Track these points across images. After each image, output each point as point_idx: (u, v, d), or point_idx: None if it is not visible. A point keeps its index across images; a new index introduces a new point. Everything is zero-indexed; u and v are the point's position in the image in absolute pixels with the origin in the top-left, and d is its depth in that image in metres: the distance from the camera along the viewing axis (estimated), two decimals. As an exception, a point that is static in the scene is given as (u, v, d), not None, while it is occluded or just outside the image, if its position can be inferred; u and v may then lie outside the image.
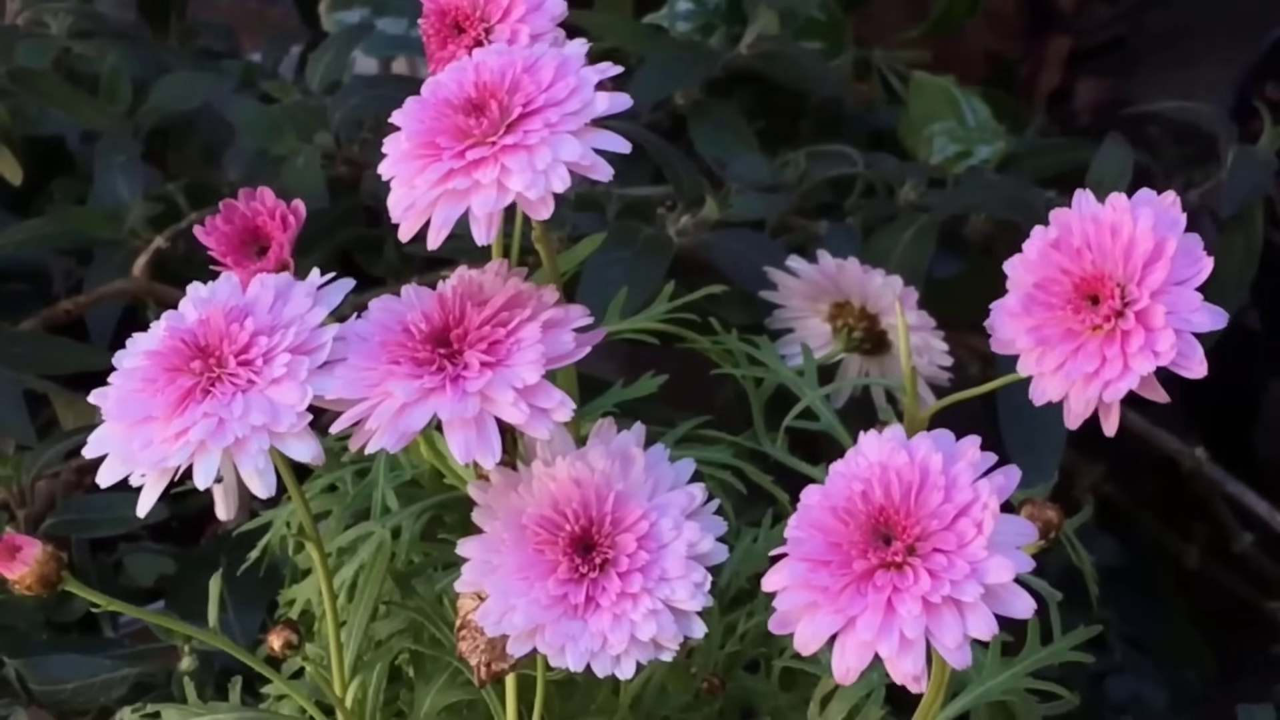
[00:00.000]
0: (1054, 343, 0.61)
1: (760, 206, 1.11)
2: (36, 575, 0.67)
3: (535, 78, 0.64)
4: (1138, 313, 0.60)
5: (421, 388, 0.64)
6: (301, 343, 0.65)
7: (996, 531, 0.58)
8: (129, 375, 0.67)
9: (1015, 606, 0.58)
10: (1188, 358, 0.60)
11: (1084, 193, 0.63)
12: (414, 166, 0.64)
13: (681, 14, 1.28)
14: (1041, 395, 0.62)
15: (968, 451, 0.60)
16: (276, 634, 0.72)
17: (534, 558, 0.66)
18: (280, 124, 1.14)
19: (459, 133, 0.64)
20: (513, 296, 0.66)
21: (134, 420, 0.65)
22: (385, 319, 0.67)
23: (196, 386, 0.64)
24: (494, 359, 0.64)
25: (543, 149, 0.63)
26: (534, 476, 0.67)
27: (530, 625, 0.64)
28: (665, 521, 0.65)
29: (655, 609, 0.64)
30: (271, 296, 0.66)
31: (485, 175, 0.63)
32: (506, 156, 0.63)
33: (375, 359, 0.65)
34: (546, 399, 0.64)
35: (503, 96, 0.64)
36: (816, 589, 0.59)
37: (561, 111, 0.64)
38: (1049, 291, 0.62)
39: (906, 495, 0.59)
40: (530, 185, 0.62)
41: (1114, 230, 0.61)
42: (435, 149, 0.64)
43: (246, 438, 0.63)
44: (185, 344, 0.65)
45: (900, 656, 0.57)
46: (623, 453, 0.67)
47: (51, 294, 1.15)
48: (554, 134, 0.63)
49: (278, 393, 0.64)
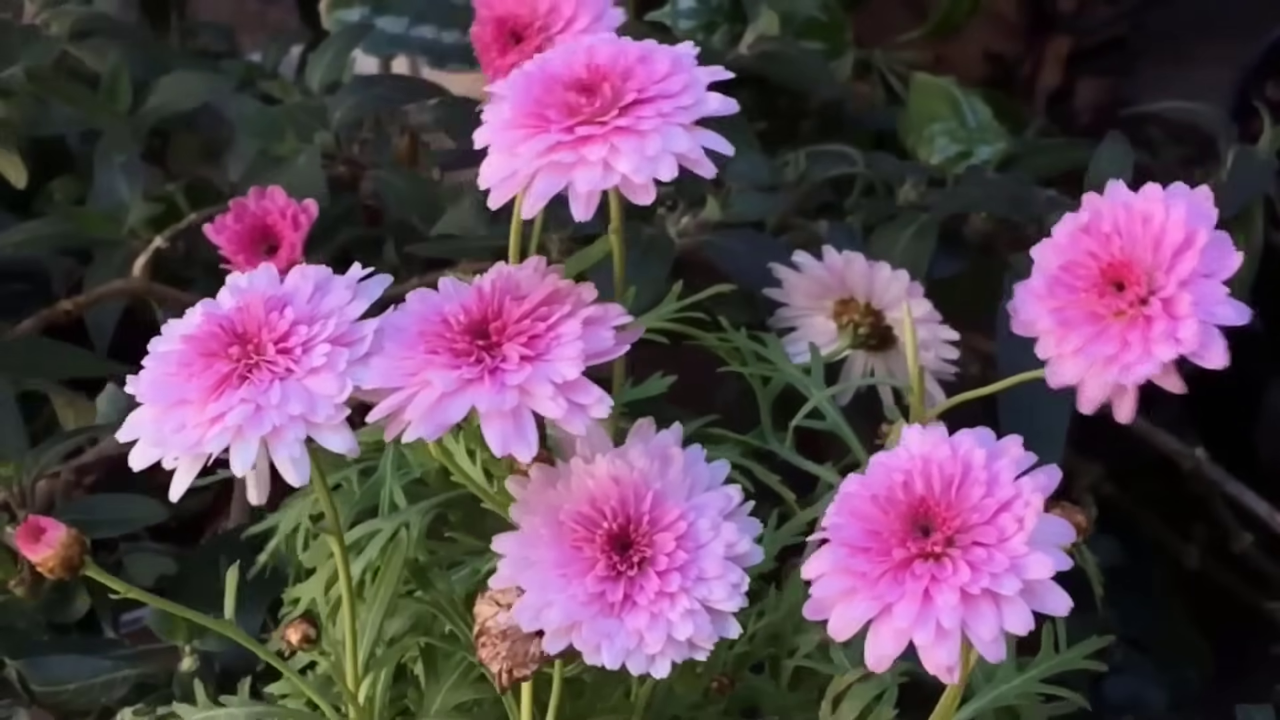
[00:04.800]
0: (1076, 324, 0.62)
1: (761, 206, 1.11)
2: (60, 558, 0.67)
3: (649, 68, 0.65)
4: (1163, 300, 0.60)
5: (460, 378, 0.64)
6: (341, 334, 0.65)
7: (1038, 529, 0.58)
8: (164, 359, 0.66)
9: (1052, 603, 0.58)
10: (1208, 348, 0.60)
11: (1118, 183, 0.63)
12: (518, 135, 0.64)
13: (684, 11, 1.28)
14: (1058, 378, 0.62)
15: (1010, 449, 0.60)
16: (294, 628, 0.71)
17: (571, 554, 0.66)
18: (280, 124, 1.14)
19: (569, 109, 0.64)
20: (552, 292, 0.66)
21: (168, 404, 0.65)
22: (423, 310, 0.66)
23: (233, 372, 0.64)
24: (533, 353, 0.64)
25: (654, 136, 0.63)
26: (573, 473, 0.67)
27: (567, 621, 0.65)
28: (703, 522, 0.66)
29: (692, 609, 0.64)
30: (311, 288, 0.66)
31: (593, 153, 0.63)
32: (618, 138, 0.63)
33: (413, 349, 0.65)
34: (585, 395, 0.64)
35: (616, 80, 0.64)
36: (855, 574, 0.59)
37: (675, 104, 0.64)
38: (1075, 275, 0.62)
39: (948, 487, 0.59)
40: (638, 169, 0.63)
41: (1145, 218, 0.61)
42: (543, 120, 0.64)
43: (283, 426, 0.63)
44: (223, 329, 0.65)
45: (936, 646, 0.58)
46: (662, 452, 0.67)
47: (51, 294, 1.15)
48: (666, 124, 0.64)
49: (316, 383, 0.64)
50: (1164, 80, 1.62)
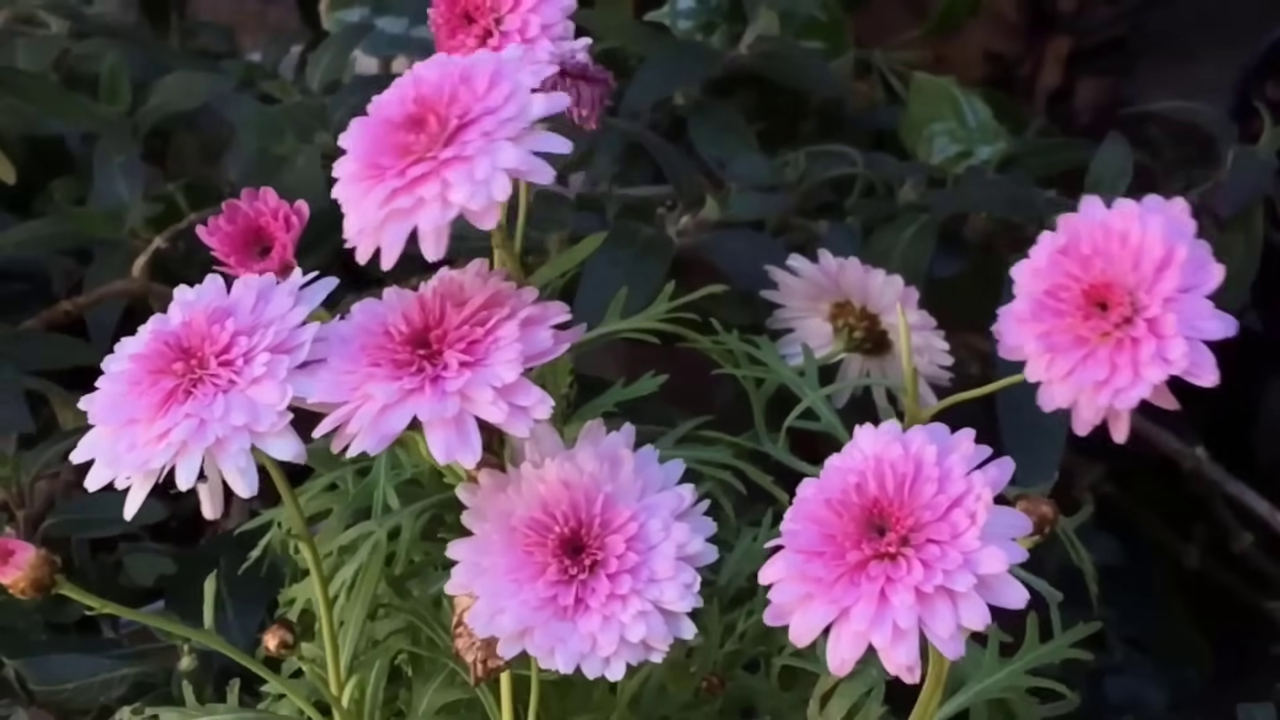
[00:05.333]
0: (1063, 349, 0.61)
1: (760, 206, 1.11)
2: (30, 580, 0.67)
3: (471, 86, 0.63)
4: (1148, 320, 0.60)
5: (401, 389, 0.64)
6: (281, 342, 0.64)
7: (990, 523, 0.58)
8: (115, 379, 0.66)
9: (1008, 597, 0.58)
10: (1199, 366, 0.60)
11: (1092, 198, 0.63)
12: (361, 188, 0.64)
13: (683, 12, 1.28)
14: (1050, 401, 0.62)
15: (962, 444, 0.60)
16: (272, 634, 0.71)
17: (523, 559, 0.65)
18: (280, 124, 1.14)
19: (401, 150, 0.63)
20: (492, 296, 0.66)
21: (119, 423, 0.65)
22: (366, 321, 0.66)
23: (179, 388, 0.64)
24: (472, 358, 0.64)
25: (481, 159, 0.62)
26: (523, 478, 0.67)
27: (519, 627, 0.64)
28: (654, 523, 0.65)
29: (644, 610, 0.64)
30: (254, 297, 0.66)
31: (429, 191, 0.62)
32: (447, 170, 0.62)
33: (356, 362, 0.65)
34: (525, 397, 0.63)
35: (441, 109, 0.63)
36: (811, 580, 0.59)
37: (498, 119, 0.63)
38: (1058, 298, 0.61)
39: (900, 487, 0.59)
40: (471, 197, 0.61)
41: (1123, 237, 0.61)
42: (379, 169, 0.63)
43: (227, 437, 0.63)
44: (168, 346, 0.65)
45: (894, 646, 0.57)
46: (612, 454, 0.67)
47: (51, 294, 1.15)
48: (491, 143, 0.62)
49: (258, 392, 0.63)
50: (1164, 80, 1.62)
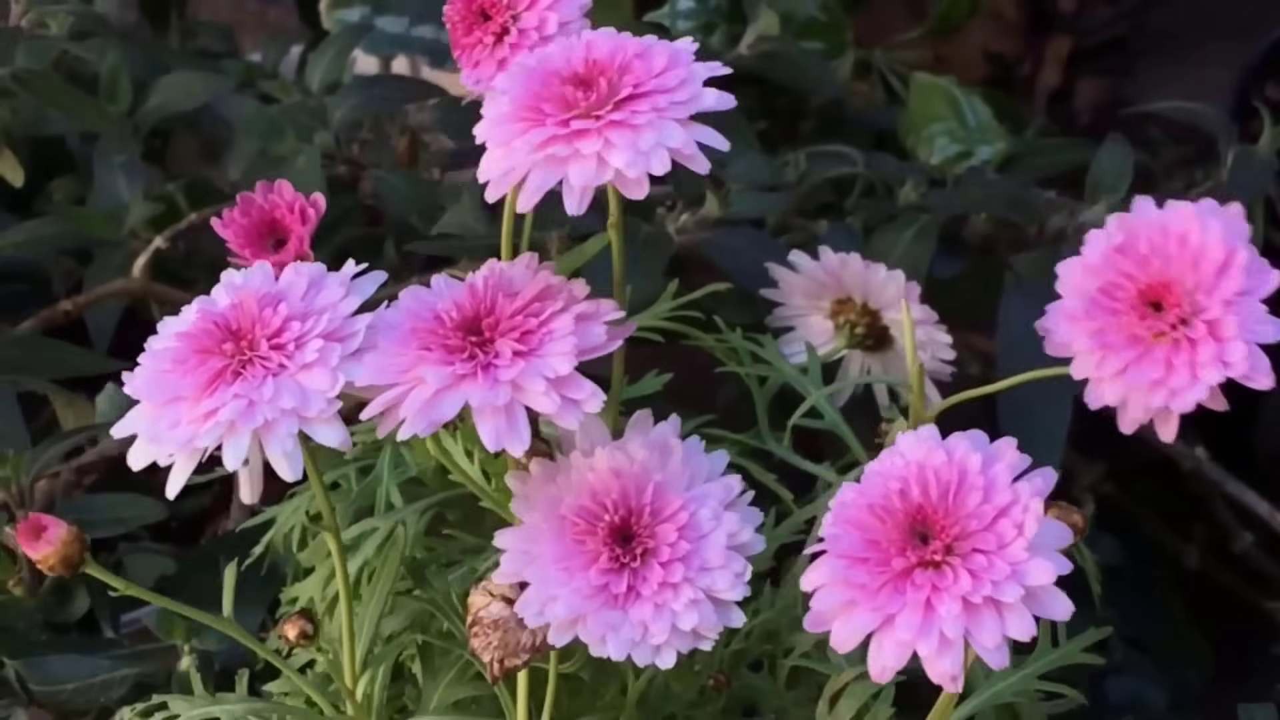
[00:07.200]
0: (1116, 348, 0.61)
1: (760, 206, 1.11)
2: (61, 556, 0.67)
3: (647, 63, 0.65)
4: (1208, 322, 0.59)
5: (454, 374, 0.64)
6: (334, 330, 0.65)
7: (1037, 534, 0.58)
8: (159, 356, 0.66)
9: (1054, 609, 0.58)
10: (1257, 369, 0.59)
11: (1144, 199, 0.63)
12: (514, 129, 0.64)
13: (683, 12, 1.28)
14: (1098, 399, 0.62)
15: (1006, 453, 0.60)
16: (291, 624, 0.72)
17: (573, 548, 0.66)
18: (280, 124, 1.14)
19: (565, 102, 0.64)
20: (544, 289, 0.66)
21: (163, 400, 0.65)
22: (415, 307, 0.66)
23: (227, 368, 0.64)
24: (526, 348, 0.64)
25: (648, 130, 0.63)
26: (572, 467, 0.67)
27: (572, 615, 0.65)
28: (704, 512, 0.66)
29: (696, 599, 0.64)
30: (305, 284, 0.66)
31: (587, 146, 0.63)
32: (611, 131, 0.63)
33: (406, 346, 0.65)
34: (578, 390, 0.64)
35: (613, 75, 0.64)
36: (855, 586, 0.58)
37: (670, 99, 0.64)
38: (1113, 296, 0.61)
39: (945, 494, 0.58)
40: (631, 163, 0.63)
41: (1182, 238, 0.61)
42: (539, 114, 0.64)
43: (275, 420, 0.63)
44: (217, 326, 0.65)
45: (939, 656, 0.57)
46: (661, 443, 0.67)
47: (51, 294, 1.15)
48: (661, 118, 0.64)
49: (308, 378, 0.64)
50: (1164, 80, 1.62)
